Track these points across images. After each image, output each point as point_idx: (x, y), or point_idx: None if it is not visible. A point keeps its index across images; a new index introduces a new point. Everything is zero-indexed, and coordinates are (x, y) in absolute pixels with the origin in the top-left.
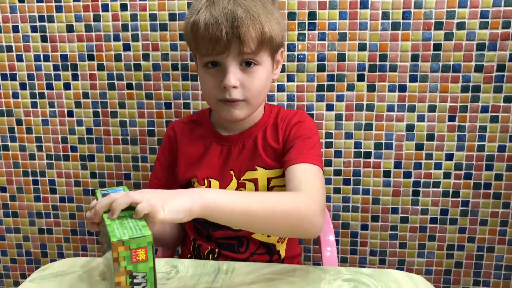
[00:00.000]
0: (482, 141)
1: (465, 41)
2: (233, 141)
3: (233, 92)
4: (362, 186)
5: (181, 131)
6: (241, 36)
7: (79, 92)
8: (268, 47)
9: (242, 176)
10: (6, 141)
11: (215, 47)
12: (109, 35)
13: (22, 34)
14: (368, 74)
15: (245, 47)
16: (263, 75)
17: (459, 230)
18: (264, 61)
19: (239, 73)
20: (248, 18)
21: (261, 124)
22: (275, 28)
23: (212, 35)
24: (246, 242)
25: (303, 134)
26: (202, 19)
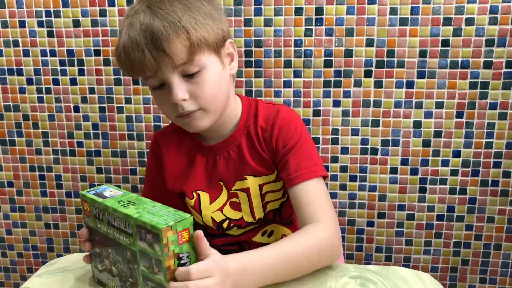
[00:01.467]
0: (490, 138)
1: (474, 37)
2: (217, 150)
3: (185, 105)
4: (369, 183)
5: (164, 142)
6: (166, 50)
7: (86, 87)
8: (203, 49)
9: (232, 187)
10: (13, 136)
11: (145, 70)
12: (115, 30)
13: (28, 29)
14: (375, 70)
15: (175, 60)
16: (212, 77)
17: (466, 227)
18: (207, 62)
19: (185, 85)
20: (168, 27)
21: (242, 127)
22: (206, 25)
23: (135, 58)
24: (247, 246)
25: (294, 142)
26: (122, 44)
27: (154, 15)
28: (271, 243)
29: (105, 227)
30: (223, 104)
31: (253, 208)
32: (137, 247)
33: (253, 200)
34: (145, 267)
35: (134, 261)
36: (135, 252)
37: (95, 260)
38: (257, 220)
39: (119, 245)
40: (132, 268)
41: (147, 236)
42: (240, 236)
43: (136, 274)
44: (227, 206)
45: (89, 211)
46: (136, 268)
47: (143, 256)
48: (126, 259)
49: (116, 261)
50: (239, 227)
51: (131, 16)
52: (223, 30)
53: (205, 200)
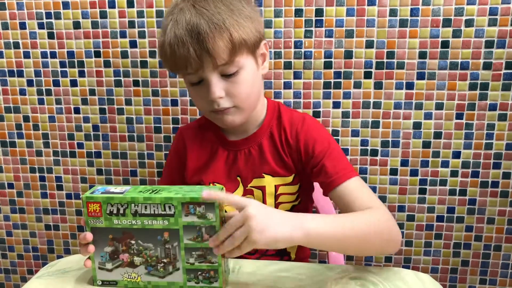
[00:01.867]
0: (490, 139)
1: (473, 38)
2: (238, 146)
3: (220, 102)
4: (369, 184)
5: (189, 136)
6: (210, 51)
7: (86, 89)
8: (243, 50)
9: (249, 183)
10: (13, 138)
11: (187, 67)
12: (115, 32)
13: (29, 30)
14: (375, 71)
15: (217, 60)
16: (248, 77)
17: (466, 228)
18: (244, 63)
19: (222, 83)
20: (213, 28)
21: (265, 127)
22: (246, 28)
23: (180, 56)
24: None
25: (325, 147)
26: (168, 41)
27: (199, 15)
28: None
29: (129, 220)
30: (255, 102)
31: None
32: (181, 224)
33: (267, 199)
34: (190, 240)
35: (174, 239)
36: (177, 230)
37: (102, 261)
38: None
39: (149, 232)
40: (170, 247)
41: (197, 209)
42: None
43: (176, 252)
44: None
45: (99, 211)
46: (176, 245)
47: (188, 231)
48: (161, 241)
49: (143, 249)
50: None
51: (176, 13)
52: (260, 32)
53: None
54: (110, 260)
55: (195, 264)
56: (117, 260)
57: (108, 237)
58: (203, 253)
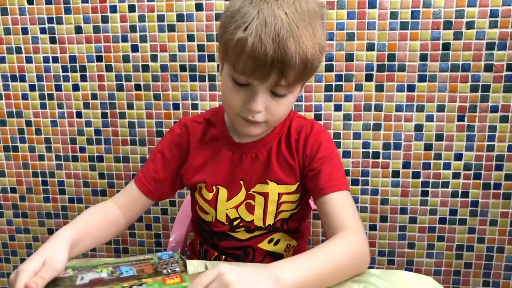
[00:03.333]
0: (492, 141)
1: (474, 41)
2: (246, 149)
3: (256, 116)
4: (371, 187)
5: (194, 131)
6: (284, 68)
7: (88, 93)
8: (307, 78)
9: (252, 188)
10: (16, 142)
11: (254, 73)
12: (117, 36)
13: (31, 35)
14: (376, 74)
15: (284, 79)
16: (291, 101)
17: (468, 230)
18: (296, 89)
19: (267, 98)
20: (298, 52)
21: (276, 133)
22: (317, 60)
23: (256, 59)
24: (252, 252)
25: (326, 153)
26: (251, 40)
27: (290, 30)
28: (276, 251)
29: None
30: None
31: (266, 214)
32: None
33: (269, 206)
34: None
35: None
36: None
37: None
38: (266, 226)
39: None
40: None
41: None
42: (246, 240)
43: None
44: (243, 206)
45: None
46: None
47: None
48: None
49: None
50: (247, 229)
51: (266, 10)
52: (320, 62)
53: (223, 196)
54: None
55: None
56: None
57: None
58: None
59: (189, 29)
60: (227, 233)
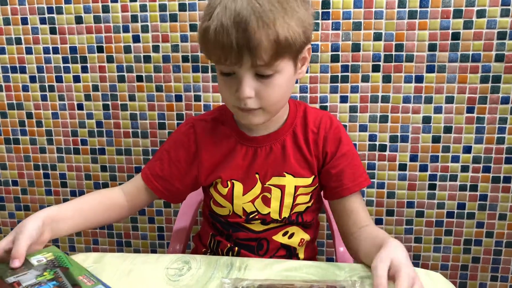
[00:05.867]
0: (502, 133)
1: (485, 30)
2: (259, 142)
3: (248, 102)
4: (377, 180)
5: (203, 130)
6: (252, 48)
7: (89, 84)
8: (285, 54)
9: (267, 181)
10: (17, 135)
11: (226, 58)
12: (118, 27)
13: (31, 26)
14: (383, 64)
15: (257, 59)
16: (282, 81)
17: (476, 224)
18: (283, 68)
19: (255, 83)
20: (261, 26)
21: (288, 125)
22: (295, 31)
23: (222, 46)
24: (266, 244)
25: (346, 149)
26: (213, 27)
27: (251, 8)
28: (290, 244)
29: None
30: (283, 106)
31: (282, 207)
32: None
33: (285, 199)
34: None
35: None
36: None
37: None
38: (282, 219)
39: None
40: None
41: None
42: (261, 232)
43: None
44: (259, 199)
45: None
46: None
47: None
48: None
49: None
50: (263, 221)
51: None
52: (308, 37)
53: (238, 190)
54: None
55: None
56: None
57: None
58: None
59: (192, 18)
60: (243, 224)
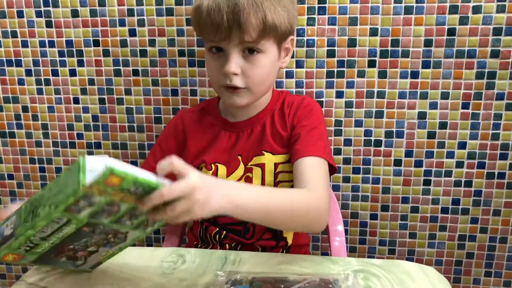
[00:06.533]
0: (497, 129)
1: (481, 26)
2: (241, 127)
3: (234, 79)
4: (372, 175)
5: (190, 120)
6: (242, 24)
7: (85, 78)
8: (271, 36)
9: (249, 162)
10: (13, 128)
11: (216, 33)
12: (114, 20)
13: (26, 19)
14: (379, 60)
15: (245, 35)
16: (267, 63)
17: (471, 220)
18: (268, 49)
19: (241, 60)
20: (250, 5)
21: (269, 109)
22: (281, 16)
23: (213, 21)
24: (252, 228)
25: (310, 123)
26: (205, 4)
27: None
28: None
29: (44, 246)
30: (266, 90)
31: (264, 185)
32: (83, 220)
33: (266, 177)
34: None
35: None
36: (88, 225)
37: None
38: None
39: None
40: (101, 230)
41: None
42: None
43: (109, 228)
44: (242, 180)
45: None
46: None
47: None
48: (89, 234)
49: (85, 244)
50: None
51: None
52: (291, 26)
53: (222, 172)
54: (76, 261)
55: (134, 223)
56: (80, 257)
57: (49, 256)
58: (131, 214)
59: (188, 13)
60: None
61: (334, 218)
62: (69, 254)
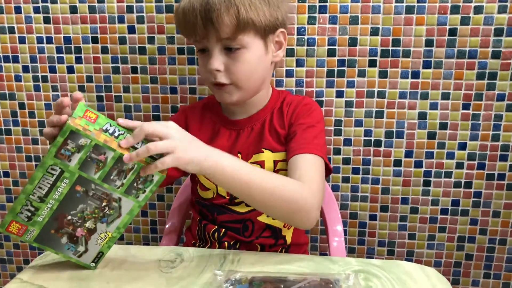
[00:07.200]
0: (497, 130)
1: (482, 26)
2: (241, 125)
3: (217, 75)
4: (372, 176)
5: (192, 116)
6: (214, 22)
7: (83, 75)
8: (250, 30)
9: (249, 159)
10: (9, 125)
11: (194, 34)
12: (113, 17)
13: (24, 15)
14: (380, 59)
15: (220, 32)
16: (251, 58)
17: (470, 221)
18: (250, 44)
19: (223, 57)
20: (222, 2)
21: (269, 108)
22: (259, 10)
23: (189, 21)
24: (251, 225)
25: (307, 121)
26: (182, 7)
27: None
28: (275, 224)
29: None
30: (256, 85)
31: None
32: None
33: None
34: (97, 172)
35: (87, 184)
36: (80, 177)
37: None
38: None
39: (67, 199)
40: (94, 193)
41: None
42: (246, 213)
43: (101, 190)
44: None
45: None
46: (96, 187)
47: (86, 168)
48: (83, 196)
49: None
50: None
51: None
52: (277, 18)
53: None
54: (77, 245)
55: (124, 183)
56: (80, 239)
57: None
58: (119, 170)
59: None
60: (227, 206)
61: (333, 218)
62: (69, 232)
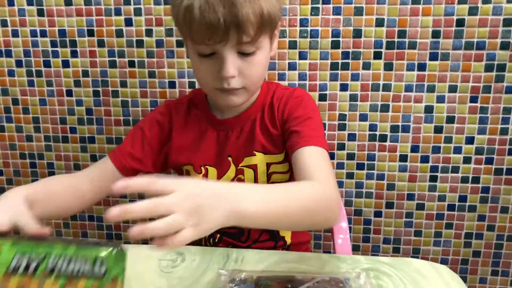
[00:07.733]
0: (506, 123)
1: (490, 16)
2: (230, 125)
3: (231, 82)
4: (377, 171)
5: (177, 112)
6: (240, 24)
7: (79, 70)
8: (268, 30)
9: (240, 163)
10: (2, 122)
11: (212, 36)
12: (110, 9)
13: (17, 7)
14: (385, 51)
15: (244, 36)
16: (263, 58)
17: (478, 217)
18: (263, 44)
19: (238, 61)
20: (248, 1)
21: (259, 104)
22: (275, 5)
23: (208, 23)
24: (247, 230)
25: (303, 114)
26: (197, 4)
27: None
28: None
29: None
30: (260, 84)
31: None
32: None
33: (259, 179)
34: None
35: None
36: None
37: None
38: None
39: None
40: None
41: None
42: None
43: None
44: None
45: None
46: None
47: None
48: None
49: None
50: None
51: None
52: (281, 11)
53: (212, 175)
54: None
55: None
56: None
57: None
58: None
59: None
60: None
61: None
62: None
